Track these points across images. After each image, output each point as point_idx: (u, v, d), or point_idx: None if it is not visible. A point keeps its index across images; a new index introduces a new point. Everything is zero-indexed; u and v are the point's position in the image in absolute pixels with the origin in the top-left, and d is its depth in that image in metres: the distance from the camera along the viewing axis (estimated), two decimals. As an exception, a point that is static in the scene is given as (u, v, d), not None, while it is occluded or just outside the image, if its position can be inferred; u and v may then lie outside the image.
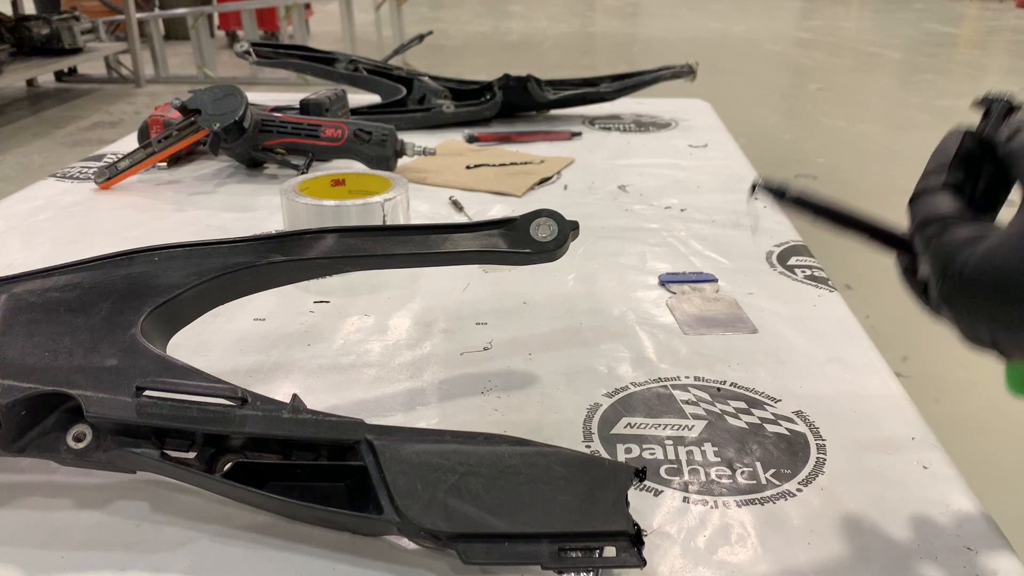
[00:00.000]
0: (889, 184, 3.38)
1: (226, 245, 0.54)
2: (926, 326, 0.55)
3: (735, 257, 0.81)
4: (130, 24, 5.05)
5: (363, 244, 0.55)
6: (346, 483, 0.43)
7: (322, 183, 0.82)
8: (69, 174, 1.06)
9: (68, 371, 0.45)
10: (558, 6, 9.61)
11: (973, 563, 0.42)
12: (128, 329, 0.48)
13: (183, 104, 0.99)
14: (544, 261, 0.56)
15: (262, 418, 0.43)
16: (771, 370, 0.61)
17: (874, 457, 0.51)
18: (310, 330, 0.67)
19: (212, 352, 0.63)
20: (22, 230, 0.87)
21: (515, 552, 0.40)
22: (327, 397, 0.57)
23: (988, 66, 6.45)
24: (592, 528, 0.40)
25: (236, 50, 1.43)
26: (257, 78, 4.84)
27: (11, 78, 4.47)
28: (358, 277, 0.72)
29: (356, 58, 1.40)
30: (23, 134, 4.12)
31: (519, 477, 0.41)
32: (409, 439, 0.43)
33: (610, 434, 0.53)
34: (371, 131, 1.01)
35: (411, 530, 0.40)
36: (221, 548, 0.43)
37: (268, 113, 1.04)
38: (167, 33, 5.96)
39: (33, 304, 0.50)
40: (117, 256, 0.53)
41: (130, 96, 4.96)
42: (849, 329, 0.67)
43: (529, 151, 1.16)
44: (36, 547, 0.43)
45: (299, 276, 0.58)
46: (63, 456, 0.44)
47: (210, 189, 1.00)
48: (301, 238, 0.55)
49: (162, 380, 0.44)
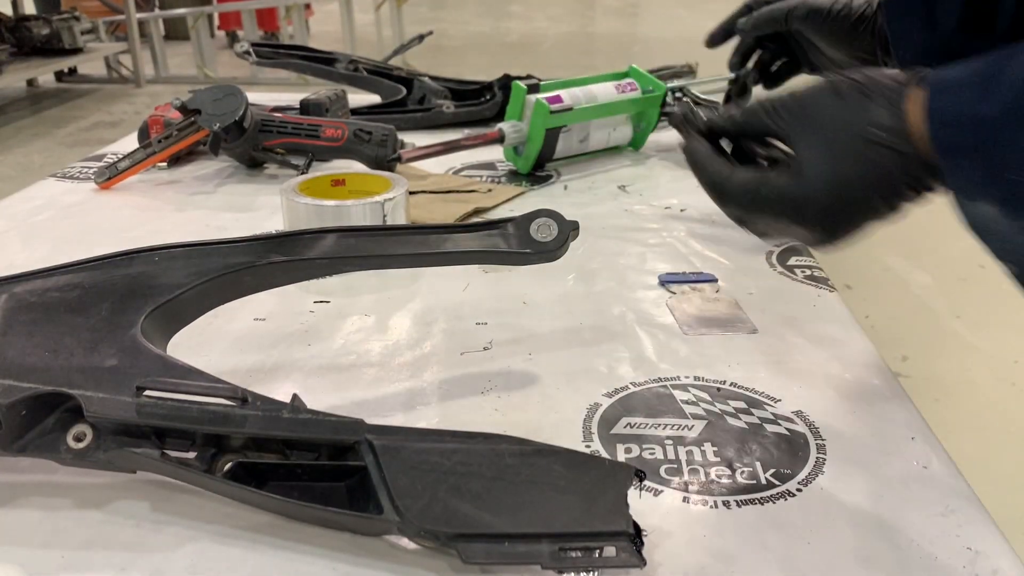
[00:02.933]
0: (889, 184, 3.37)
1: (226, 245, 0.54)
2: (926, 326, 0.55)
3: (735, 257, 0.81)
4: (130, 24, 5.05)
5: (363, 244, 0.55)
6: (346, 483, 0.43)
7: (322, 183, 0.82)
8: (69, 174, 1.06)
9: (68, 371, 0.45)
10: (558, 6, 9.60)
11: (973, 563, 0.42)
12: (128, 329, 0.48)
13: (183, 104, 0.98)
14: (544, 261, 0.56)
15: (262, 418, 0.43)
16: (771, 370, 0.61)
17: (874, 457, 0.51)
18: (310, 330, 0.67)
19: (212, 352, 0.63)
20: (22, 230, 0.87)
21: (515, 552, 0.40)
22: (327, 397, 0.57)
23: (988, 66, 6.44)
24: (592, 528, 0.40)
25: (236, 50, 1.43)
26: (257, 78, 4.84)
27: (11, 78, 4.47)
28: (358, 277, 0.71)
29: (356, 58, 1.40)
30: (23, 134, 4.12)
31: (519, 477, 0.41)
32: (409, 439, 0.43)
33: (610, 434, 0.53)
34: (371, 131, 1.01)
35: (411, 530, 0.40)
36: (221, 548, 0.43)
37: (268, 113, 1.04)
38: (167, 33, 5.95)
39: (33, 304, 0.50)
40: (117, 256, 0.53)
41: (130, 96, 4.96)
42: (849, 329, 0.67)
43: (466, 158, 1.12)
44: (36, 547, 0.43)
45: (299, 276, 0.58)
46: (63, 456, 0.44)
47: (210, 189, 1.00)
48: (301, 238, 0.55)
49: (162, 380, 0.44)
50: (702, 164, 0.53)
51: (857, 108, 0.46)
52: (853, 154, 0.46)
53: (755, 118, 0.51)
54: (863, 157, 0.45)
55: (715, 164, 0.53)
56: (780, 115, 0.50)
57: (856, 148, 0.46)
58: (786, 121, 0.49)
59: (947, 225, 0.58)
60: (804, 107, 0.49)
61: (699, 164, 0.54)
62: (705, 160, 0.53)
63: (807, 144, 0.48)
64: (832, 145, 0.47)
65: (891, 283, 2.49)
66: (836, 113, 0.47)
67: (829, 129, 0.47)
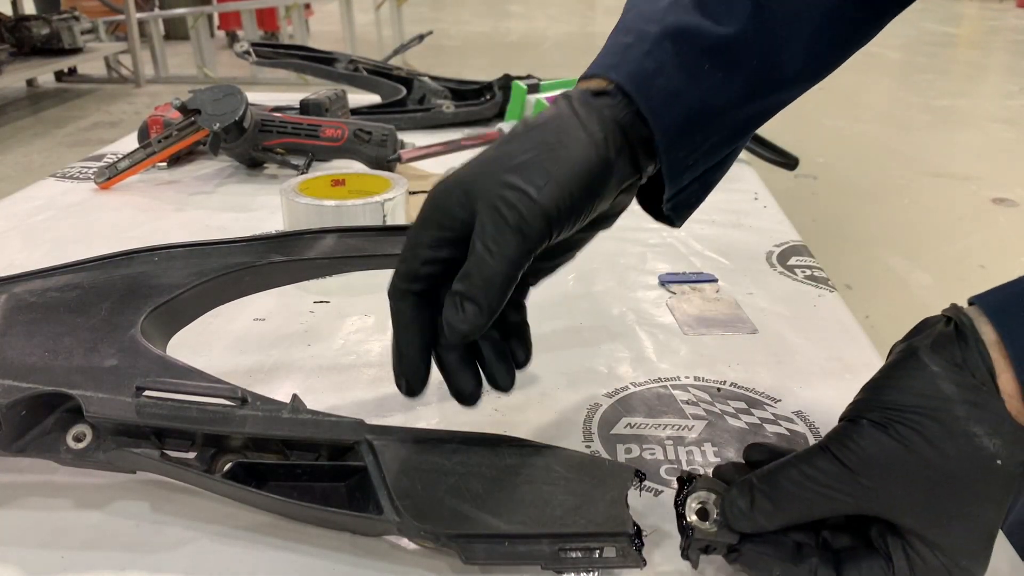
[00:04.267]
0: (889, 184, 3.38)
1: (226, 245, 0.54)
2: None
3: (735, 257, 0.81)
4: (130, 24, 5.05)
5: (363, 244, 0.55)
6: (346, 483, 0.43)
7: (322, 183, 0.82)
8: (69, 174, 1.05)
9: (68, 371, 0.45)
10: (558, 6, 9.60)
11: (973, 563, 0.42)
12: (128, 329, 0.48)
13: (183, 104, 0.98)
14: (544, 261, 0.55)
15: (262, 418, 0.43)
16: (771, 370, 0.61)
17: (874, 457, 0.51)
18: (310, 330, 0.67)
19: (212, 352, 0.63)
20: (22, 230, 0.87)
21: (515, 552, 0.40)
22: (327, 397, 0.57)
23: (988, 66, 6.45)
24: (592, 528, 0.40)
25: (236, 50, 1.43)
26: (257, 78, 4.84)
27: (11, 78, 4.47)
28: (358, 277, 0.71)
29: (356, 58, 1.40)
30: (23, 134, 4.12)
31: (519, 477, 0.41)
32: (409, 439, 0.43)
33: (610, 434, 0.53)
34: (371, 131, 1.01)
35: (411, 530, 0.40)
36: (221, 548, 0.43)
37: (268, 113, 1.03)
38: (167, 33, 5.96)
39: (33, 304, 0.50)
40: (117, 256, 0.53)
41: (130, 96, 4.96)
42: (849, 329, 0.67)
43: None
44: (36, 547, 0.43)
45: (299, 276, 0.58)
46: (63, 456, 0.44)
47: (210, 189, 1.00)
48: (301, 238, 0.55)
49: (162, 380, 0.44)
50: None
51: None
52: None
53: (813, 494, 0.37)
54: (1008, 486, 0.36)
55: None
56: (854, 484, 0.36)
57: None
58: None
59: (947, 225, 0.58)
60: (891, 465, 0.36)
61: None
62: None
63: (945, 520, 0.36)
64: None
65: (891, 283, 2.49)
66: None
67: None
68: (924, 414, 0.36)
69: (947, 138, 4.10)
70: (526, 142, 0.41)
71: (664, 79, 0.42)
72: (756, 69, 0.43)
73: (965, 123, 4.43)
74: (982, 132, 4.29)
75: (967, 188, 3.33)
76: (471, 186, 0.40)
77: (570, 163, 0.40)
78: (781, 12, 0.43)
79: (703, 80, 0.42)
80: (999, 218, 3.01)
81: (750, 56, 0.43)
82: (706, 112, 0.43)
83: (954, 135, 4.19)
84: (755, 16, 0.42)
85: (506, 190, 0.39)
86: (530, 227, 0.39)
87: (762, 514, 0.38)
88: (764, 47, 0.43)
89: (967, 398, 0.35)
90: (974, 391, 0.36)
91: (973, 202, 3.16)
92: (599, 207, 0.43)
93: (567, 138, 0.41)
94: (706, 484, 0.40)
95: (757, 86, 0.44)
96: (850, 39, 0.46)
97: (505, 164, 0.40)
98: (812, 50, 0.44)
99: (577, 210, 0.41)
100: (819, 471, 0.37)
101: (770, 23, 0.43)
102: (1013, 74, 5.96)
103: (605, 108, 0.42)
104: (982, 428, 0.35)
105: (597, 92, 0.43)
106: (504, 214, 0.39)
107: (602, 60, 0.44)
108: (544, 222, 0.39)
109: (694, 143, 0.44)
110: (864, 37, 0.47)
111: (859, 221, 2.97)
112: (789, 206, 1.01)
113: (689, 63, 0.42)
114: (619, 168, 0.42)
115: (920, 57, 6.10)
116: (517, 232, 0.39)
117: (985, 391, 0.36)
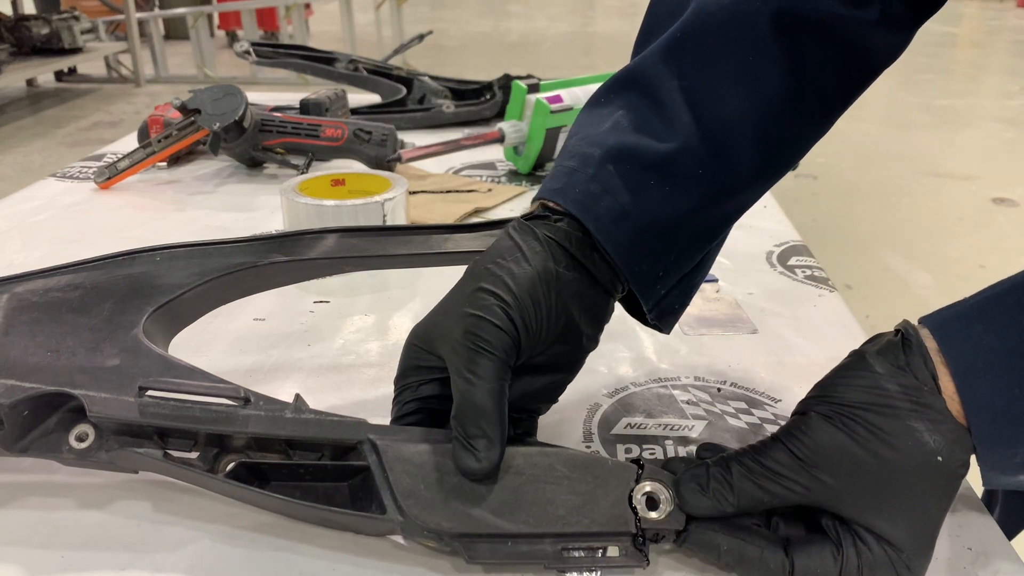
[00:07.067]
0: (889, 184, 3.38)
1: (228, 245, 0.54)
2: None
3: (735, 257, 0.81)
4: (130, 24, 5.04)
5: (363, 244, 0.55)
6: (349, 483, 0.43)
7: (322, 183, 0.82)
8: (69, 174, 1.06)
9: (70, 371, 0.45)
10: (558, 6, 9.60)
11: (973, 563, 0.43)
12: (130, 329, 0.48)
13: (183, 104, 0.99)
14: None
15: (265, 418, 0.43)
16: (771, 370, 0.61)
17: (875, 457, 0.51)
18: (310, 330, 0.67)
19: (212, 352, 0.63)
20: (22, 230, 0.87)
21: (518, 552, 0.40)
22: (327, 397, 0.57)
23: (988, 66, 6.45)
24: (595, 528, 0.40)
25: (236, 50, 1.43)
26: (257, 78, 4.84)
27: (11, 78, 4.47)
28: (358, 277, 0.72)
29: (356, 58, 1.40)
30: (23, 134, 4.12)
31: (522, 477, 0.41)
32: (412, 439, 0.43)
33: (610, 434, 0.54)
34: (371, 131, 1.01)
35: (414, 530, 0.40)
36: (223, 548, 0.43)
37: (268, 113, 1.04)
38: (167, 33, 5.96)
39: (35, 304, 0.50)
40: (119, 256, 0.53)
41: (130, 96, 4.95)
42: (849, 329, 0.68)
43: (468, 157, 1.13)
44: (36, 547, 0.43)
45: (300, 276, 0.58)
46: (65, 456, 0.44)
47: (210, 189, 1.01)
48: (302, 238, 0.55)
49: (165, 380, 0.44)
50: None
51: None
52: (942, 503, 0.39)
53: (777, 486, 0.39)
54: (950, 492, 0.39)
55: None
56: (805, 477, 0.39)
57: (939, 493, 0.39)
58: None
59: (947, 225, 0.58)
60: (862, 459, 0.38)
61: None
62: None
63: (891, 513, 0.38)
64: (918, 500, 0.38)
65: (891, 283, 2.49)
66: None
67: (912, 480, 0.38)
68: (869, 409, 0.38)
69: (947, 138, 4.10)
70: (473, 276, 0.44)
71: (610, 199, 0.44)
72: (705, 178, 0.45)
73: (965, 123, 4.43)
74: (982, 132, 4.29)
75: (967, 188, 3.33)
76: (430, 329, 0.44)
77: (513, 277, 0.42)
78: (720, 120, 0.44)
79: (649, 195, 0.44)
80: (999, 218, 3.01)
81: (695, 167, 0.44)
82: (659, 225, 0.45)
83: (954, 135, 4.19)
84: (695, 128, 0.44)
85: (463, 320, 0.41)
86: (492, 344, 0.41)
87: (716, 498, 0.40)
88: (709, 156, 0.44)
89: (910, 396, 0.38)
90: (916, 391, 0.38)
91: (973, 202, 3.16)
92: (560, 317, 0.44)
93: (508, 259, 0.43)
94: (652, 474, 0.41)
95: (711, 193, 0.45)
96: (802, 132, 0.47)
97: (458, 299, 0.43)
98: (763, 151, 0.45)
99: (531, 317, 0.42)
100: (772, 460, 0.39)
101: (711, 132, 0.44)
102: (1013, 74, 5.97)
103: (538, 227, 0.44)
104: (923, 424, 0.38)
105: (539, 216, 0.45)
106: (466, 343, 0.41)
107: (549, 185, 0.47)
108: (502, 336, 0.41)
109: (655, 255, 0.46)
110: (820, 127, 0.48)
111: (859, 221, 2.97)
112: (789, 206, 1.01)
113: (633, 181, 0.44)
114: (568, 280, 0.44)
115: (920, 57, 6.10)
116: (483, 353, 0.41)
117: (927, 391, 0.38)
